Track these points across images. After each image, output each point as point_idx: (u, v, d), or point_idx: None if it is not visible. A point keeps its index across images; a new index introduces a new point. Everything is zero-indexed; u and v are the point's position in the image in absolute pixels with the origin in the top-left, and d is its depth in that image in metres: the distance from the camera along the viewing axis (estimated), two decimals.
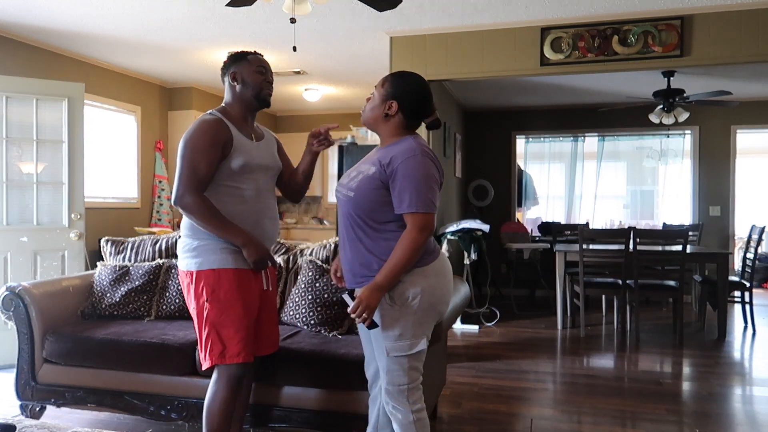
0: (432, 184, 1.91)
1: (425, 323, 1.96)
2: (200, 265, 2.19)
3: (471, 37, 4.53)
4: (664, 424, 3.10)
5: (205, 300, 2.17)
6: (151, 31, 4.60)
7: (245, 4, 3.05)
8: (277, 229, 2.38)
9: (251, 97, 2.29)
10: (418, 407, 1.97)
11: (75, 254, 4.33)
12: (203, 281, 2.18)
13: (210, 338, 2.18)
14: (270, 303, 2.39)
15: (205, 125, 2.18)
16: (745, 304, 5.41)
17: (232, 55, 2.36)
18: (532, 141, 7.99)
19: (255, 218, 2.24)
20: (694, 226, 6.42)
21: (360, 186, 1.96)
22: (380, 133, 2.05)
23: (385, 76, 2.07)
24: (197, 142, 2.16)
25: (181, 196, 2.14)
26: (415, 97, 2.01)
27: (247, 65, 2.29)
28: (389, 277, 1.88)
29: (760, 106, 7.00)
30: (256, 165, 2.26)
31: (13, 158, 4.22)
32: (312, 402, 2.55)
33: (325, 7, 4.02)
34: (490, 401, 3.42)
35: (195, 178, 2.14)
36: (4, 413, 3.08)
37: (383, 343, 1.95)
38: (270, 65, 2.37)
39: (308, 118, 8.34)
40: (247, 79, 2.28)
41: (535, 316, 5.97)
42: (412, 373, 1.96)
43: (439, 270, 2.00)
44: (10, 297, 2.88)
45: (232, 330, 2.17)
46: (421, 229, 1.88)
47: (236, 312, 2.17)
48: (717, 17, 4.06)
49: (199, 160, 2.14)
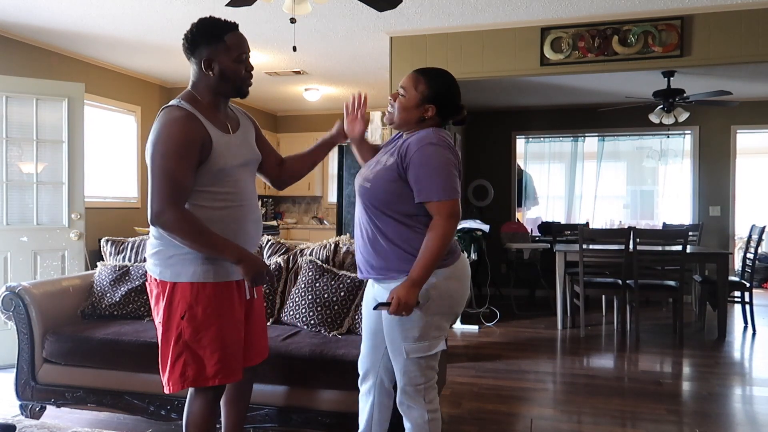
0: (451, 170, 1.86)
1: (443, 325, 1.96)
2: (177, 277, 1.91)
3: (471, 37, 4.53)
4: (664, 424, 3.10)
5: (181, 317, 1.90)
6: (151, 31, 4.60)
7: (245, 4, 3.05)
8: (260, 232, 2.11)
9: (229, 90, 1.96)
10: (432, 407, 1.97)
11: (75, 254, 4.33)
12: (179, 295, 1.91)
13: (182, 359, 1.91)
14: (256, 311, 2.16)
15: (176, 125, 1.83)
16: (745, 304, 5.40)
17: (203, 27, 1.89)
18: (532, 141, 7.99)
19: (238, 223, 1.98)
20: (694, 226, 6.41)
21: (376, 176, 1.92)
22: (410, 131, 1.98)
23: (416, 75, 1.96)
24: (169, 145, 1.82)
25: (159, 213, 1.82)
26: (453, 100, 1.98)
27: (224, 52, 1.89)
28: (423, 271, 1.82)
29: (760, 106, 7.00)
30: (238, 164, 1.98)
31: (13, 158, 4.22)
32: (312, 402, 2.55)
33: (325, 7, 4.02)
34: (490, 401, 3.42)
35: (173, 190, 1.82)
36: (4, 413, 3.08)
37: (402, 345, 1.92)
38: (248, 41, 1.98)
39: (308, 118, 8.34)
40: (225, 71, 1.90)
41: (535, 316, 5.97)
42: (429, 372, 1.96)
43: (461, 272, 1.98)
44: (10, 297, 2.88)
45: (209, 350, 1.91)
46: (449, 216, 1.84)
47: (216, 330, 1.91)
48: (717, 17, 4.06)
49: (174, 168, 1.81)
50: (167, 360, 1.94)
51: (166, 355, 1.94)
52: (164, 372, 1.96)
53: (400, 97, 1.97)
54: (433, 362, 1.96)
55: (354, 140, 2.17)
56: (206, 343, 1.91)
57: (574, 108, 7.44)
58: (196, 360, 1.91)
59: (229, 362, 1.95)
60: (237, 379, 1.99)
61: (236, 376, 1.99)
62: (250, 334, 2.11)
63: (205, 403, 1.97)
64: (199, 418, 1.97)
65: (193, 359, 1.91)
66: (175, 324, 1.91)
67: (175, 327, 1.92)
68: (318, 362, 2.53)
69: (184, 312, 1.91)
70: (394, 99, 1.99)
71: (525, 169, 8.02)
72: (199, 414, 1.97)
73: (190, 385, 1.93)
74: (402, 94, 1.97)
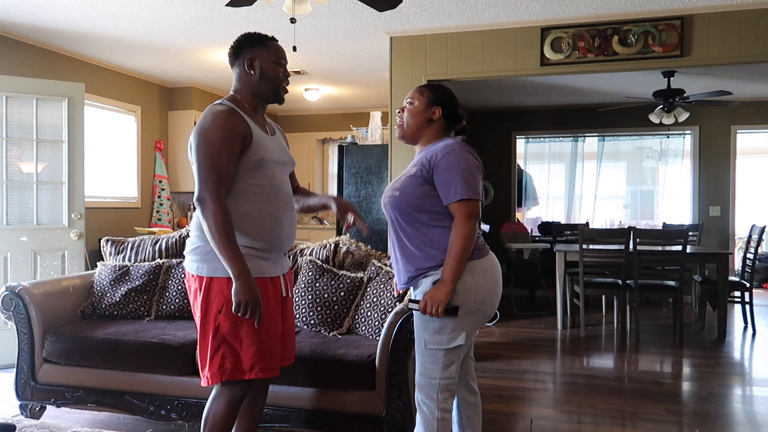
0: (474, 172, 1.98)
1: (467, 319, 1.97)
2: (215, 272, 1.96)
3: (471, 37, 4.53)
4: (664, 424, 3.10)
5: (218, 311, 1.95)
6: (151, 31, 4.60)
7: (245, 4, 3.05)
8: (295, 232, 2.16)
9: (267, 91, 2.08)
10: (445, 406, 1.98)
11: (75, 254, 4.33)
12: (216, 290, 1.96)
13: (220, 352, 1.95)
14: (288, 311, 2.19)
15: (221, 117, 1.94)
16: (745, 304, 5.40)
17: (248, 36, 2.09)
18: (532, 141, 7.99)
19: (274, 218, 2.03)
20: (694, 226, 6.42)
21: (404, 185, 2.03)
22: (422, 139, 2.11)
23: (419, 88, 2.14)
24: (215, 136, 1.91)
25: (202, 199, 1.91)
26: (455, 103, 2.14)
27: (266, 53, 2.06)
28: (451, 269, 1.91)
29: (760, 106, 7.00)
30: (275, 160, 2.07)
31: (13, 158, 4.22)
32: (312, 402, 2.55)
33: (325, 7, 4.02)
34: (490, 401, 3.42)
35: (217, 178, 1.90)
36: (4, 413, 3.08)
37: (422, 334, 1.98)
38: None
39: (308, 118, 8.34)
40: (265, 70, 2.06)
41: (535, 316, 5.97)
42: (447, 369, 1.97)
43: (488, 268, 2.02)
44: (10, 297, 2.88)
45: (245, 344, 1.95)
46: (467, 216, 1.93)
47: (251, 324, 1.95)
48: (717, 17, 4.06)
49: (219, 157, 1.91)
50: (206, 354, 1.98)
51: (205, 349, 1.98)
52: (203, 366, 1.99)
53: (408, 106, 2.12)
54: (452, 359, 1.97)
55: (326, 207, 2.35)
56: (243, 336, 1.95)
57: (574, 108, 7.44)
58: (234, 353, 1.95)
59: (266, 356, 1.98)
60: (274, 374, 2.03)
61: (273, 371, 2.02)
62: (284, 335, 2.13)
63: (229, 401, 2.00)
64: (220, 416, 1.99)
65: (231, 352, 1.95)
66: (213, 318, 1.96)
67: (212, 321, 1.96)
68: (318, 362, 2.53)
69: (221, 306, 1.95)
70: (402, 111, 2.13)
71: (525, 169, 8.02)
72: (221, 412, 1.99)
73: (228, 377, 1.96)
74: (410, 103, 2.12)
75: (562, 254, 5.36)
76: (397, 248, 2.07)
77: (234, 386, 1.99)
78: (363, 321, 2.83)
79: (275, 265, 2.08)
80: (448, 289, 1.90)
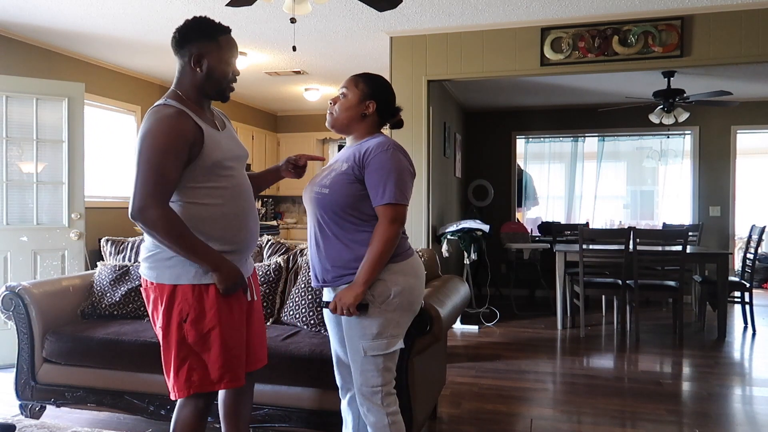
0: (405, 177, 1.91)
1: (402, 322, 1.96)
2: (177, 279, 1.85)
3: (471, 37, 4.54)
4: (664, 424, 3.10)
5: (182, 320, 1.84)
6: (151, 31, 4.60)
7: (245, 4, 3.05)
8: (259, 229, 2.08)
9: (212, 91, 1.93)
10: (392, 410, 1.95)
11: (75, 254, 4.33)
12: (180, 298, 1.85)
13: (187, 364, 1.85)
14: (257, 314, 2.09)
15: (167, 121, 1.79)
16: (745, 305, 5.40)
17: (197, 24, 1.92)
18: (532, 141, 8.00)
19: (240, 220, 1.94)
20: (694, 226, 6.41)
21: (334, 182, 1.93)
22: (353, 134, 2.04)
23: (354, 78, 2.03)
24: (163, 140, 1.77)
25: (143, 208, 1.76)
26: (389, 97, 2.04)
27: (216, 50, 1.90)
28: (365, 273, 1.86)
29: (760, 106, 7.00)
30: (231, 157, 1.94)
31: (13, 158, 4.22)
32: (312, 402, 2.55)
33: (325, 7, 4.02)
34: (490, 401, 3.42)
35: (162, 187, 1.77)
36: (4, 413, 3.08)
37: (359, 342, 1.92)
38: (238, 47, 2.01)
39: (308, 118, 8.34)
40: (213, 70, 1.89)
41: (535, 316, 5.97)
42: (386, 375, 1.95)
43: (417, 269, 2.00)
44: (10, 297, 2.88)
45: (213, 354, 1.86)
46: (392, 221, 1.87)
47: (218, 334, 1.86)
48: (717, 17, 4.06)
49: (166, 164, 1.76)
50: (170, 366, 1.88)
51: (169, 360, 1.88)
52: (168, 378, 1.90)
53: (341, 98, 2.02)
54: (391, 363, 1.96)
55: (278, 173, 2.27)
56: (210, 346, 1.86)
57: (574, 108, 7.45)
58: (201, 364, 1.86)
59: (233, 366, 1.89)
60: (240, 384, 1.94)
61: (239, 381, 1.93)
62: (251, 338, 2.05)
63: (195, 411, 1.91)
64: (187, 426, 1.91)
65: (198, 363, 1.86)
66: (176, 328, 1.85)
67: (176, 331, 1.86)
68: (318, 362, 2.53)
69: (186, 315, 1.85)
70: (335, 102, 2.04)
71: (525, 169, 8.02)
72: (187, 422, 1.91)
73: (196, 390, 1.87)
74: (344, 94, 2.02)
75: (562, 254, 5.36)
76: (321, 247, 1.96)
77: (200, 397, 1.90)
78: None
79: (241, 268, 1.96)
80: (360, 291, 1.85)
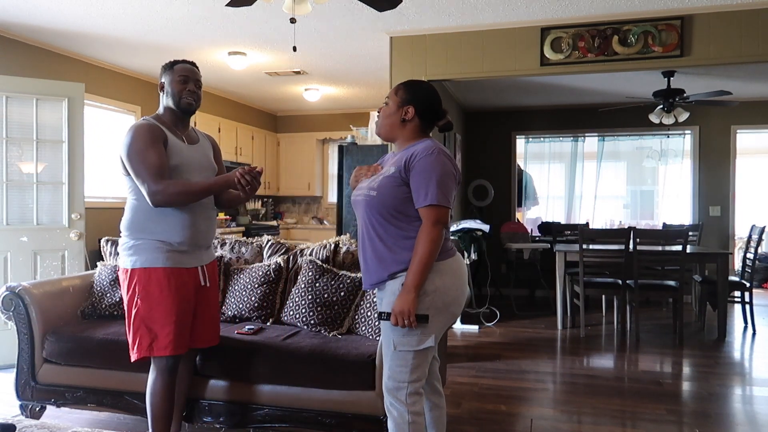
0: (448, 181, 1.95)
1: (436, 321, 1.96)
2: (134, 263, 2.30)
3: (471, 37, 4.53)
4: (664, 424, 3.10)
5: (137, 296, 2.29)
6: (151, 31, 4.60)
7: (245, 4, 3.05)
8: (214, 230, 2.50)
9: (173, 105, 2.40)
10: (415, 409, 1.96)
11: (75, 254, 4.33)
12: (136, 278, 2.30)
13: (139, 332, 2.29)
14: (208, 298, 2.49)
15: (140, 129, 2.29)
16: (745, 304, 5.40)
17: (164, 65, 2.47)
18: (532, 141, 7.99)
19: (189, 219, 2.33)
20: (694, 226, 6.41)
21: (381, 184, 2.00)
22: (397, 140, 2.10)
23: (396, 86, 2.11)
24: (139, 143, 2.25)
25: (155, 192, 2.21)
26: (430, 100, 2.09)
27: (170, 74, 2.41)
28: (414, 277, 1.90)
29: (760, 106, 7.00)
30: (189, 165, 2.36)
31: (13, 158, 4.22)
32: (312, 402, 2.55)
33: (325, 7, 4.02)
34: (490, 401, 3.42)
35: (155, 170, 2.22)
36: (4, 413, 3.08)
37: (391, 336, 1.96)
38: (198, 73, 2.46)
39: (308, 118, 8.34)
40: (169, 89, 2.40)
41: (535, 316, 5.97)
42: (415, 372, 1.96)
43: (455, 270, 2.02)
44: (10, 297, 2.88)
45: (159, 324, 2.28)
46: (435, 223, 1.92)
47: (165, 308, 2.28)
48: (717, 17, 4.06)
49: (149, 155, 2.23)
50: (130, 334, 2.33)
51: (130, 330, 2.33)
52: (130, 344, 2.34)
53: (384, 105, 2.11)
54: (421, 361, 1.97)
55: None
56: (158, 317, 2.28)
57: (574, 108, 7.45)
58: (151, 333, 2.29)
59: (178, 336, 2.31)
60: (182, 351, 2.34)
61: (183, 350, 2.34)
62: (200, 319, 2.44)
63: (159, 373, 2.32)
64: (154, 384, 2.33)
65: (148, 332, 2.29)
66: (133, 302, 2.30)
67: (132, 305, 2.30)
68: (318, 362, 2.53)
69: (140, 292, 2.29)
70: (380, 111, 2.13)
71: (525, 169, 8.02)
72: (154, 381, 2.33)
73: (146, 353, 2.29)
74: (386, 103, 2.11)
75: (562, 254, 5.36)
76: (368, 249, 2.03)
77: (161, 359, 2.32)
78: (363, 321, 2.83)
79: (191, 257, 2.38)
80: (413, 297, 1.89)
